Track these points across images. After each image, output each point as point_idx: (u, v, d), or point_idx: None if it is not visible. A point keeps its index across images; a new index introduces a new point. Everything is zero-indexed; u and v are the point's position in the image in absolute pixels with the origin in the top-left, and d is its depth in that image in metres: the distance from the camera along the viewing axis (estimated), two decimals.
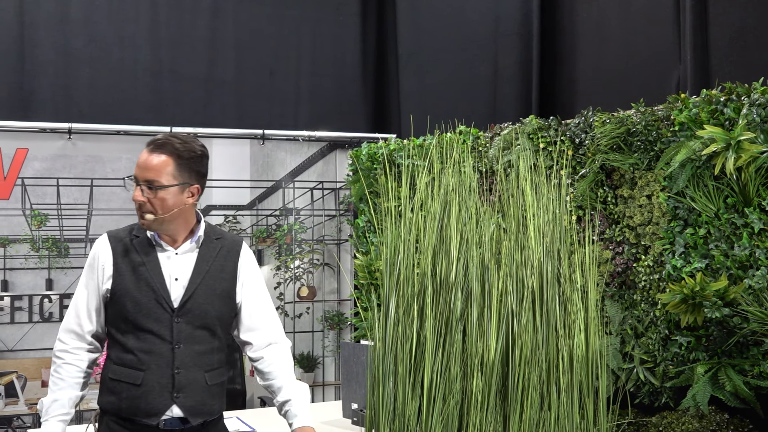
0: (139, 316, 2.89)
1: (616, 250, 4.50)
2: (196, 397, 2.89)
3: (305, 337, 7.65)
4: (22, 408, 7.98)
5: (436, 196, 3.19)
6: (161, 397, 2.86)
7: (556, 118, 4.86)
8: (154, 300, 2.88)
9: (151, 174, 2.84)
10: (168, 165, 2.85)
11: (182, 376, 2.87)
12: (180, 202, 2.88)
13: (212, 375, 2.95)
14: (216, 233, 3.05)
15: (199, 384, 2.90)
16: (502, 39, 6.65)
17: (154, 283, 2.89)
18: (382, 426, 3.04)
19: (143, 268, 2.92)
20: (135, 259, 2.94)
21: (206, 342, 2.93)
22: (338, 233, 7.54)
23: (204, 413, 2.92)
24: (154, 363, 2.87)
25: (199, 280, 2.93)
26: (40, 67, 6.54)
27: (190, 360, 2.89)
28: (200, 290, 2.92)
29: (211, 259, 2.98)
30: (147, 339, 2.88)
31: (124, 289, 2.91)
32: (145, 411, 2.87)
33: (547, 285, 3.12)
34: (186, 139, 2.91)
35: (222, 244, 3.02)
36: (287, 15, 7.34)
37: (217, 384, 2.98)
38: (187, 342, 2.89)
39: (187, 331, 2.89)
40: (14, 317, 9.37)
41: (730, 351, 3.98)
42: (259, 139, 6.86)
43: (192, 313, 2.90)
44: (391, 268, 3.14)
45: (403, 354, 3.04)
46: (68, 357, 2.98)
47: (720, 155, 3.81)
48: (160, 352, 2.87)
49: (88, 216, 9.35)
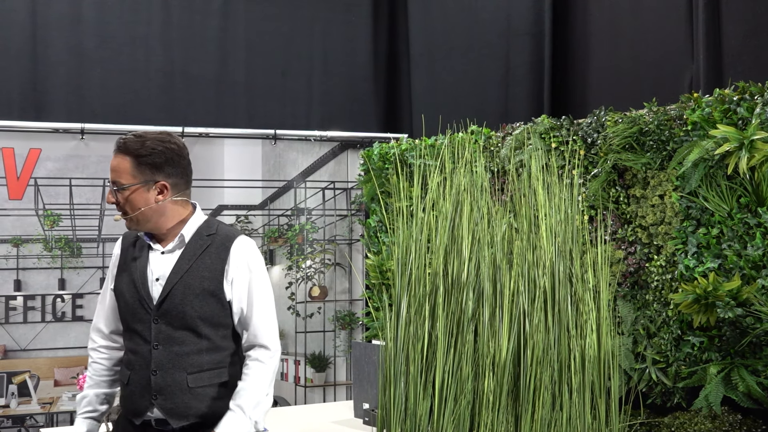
0: (127, 316, 2.93)
1: (628, 250, 4.49)
2: (175, 399, 2.85)
3: (317, 336, 7.65)
4: (35, 407, 8.01)
5: (448, 195, 3.19)
6: (142, 398, 2.87)
7: (568, 118, 4.85)
8: (138, 300, 2.89)
9: (113, 175, 2.88)
10: (126, 165, 2.86)
11: (159, 377, 2.85)
12: (147, 201, 2.88)
13: (198, 377, 2.87)
14: (210, 229, 2.98)
15: (178, 386, 2.85)
16: (514, 38, 6.63)
17: (138, 284, 2.91)
18: (393, 426, 3.03)
19: (134, 268, 2.94)
20: (132, 259, 2.97)
21: (190, 343, 2.87)
22: (350, 233, 7.54)
23: (189, 416, 2.86)
24: (137, 363, 2.89)
25: (176, 279, 2.88)
26: (52, 67, 6.57)
27: (168, 362, 2.85)
28: (177, 290, 2.87)
29: (194, 258, 2.91)
30: (133, 339, 2.91)
31: (119, 289, 2.96)
32: (132, 410, 2.91)
33: (559, 285, 3.11)
34: (148, 136, 2.90)
35: (212, 241, 2.95)
36: (298, 15, 7.34)
37: (207, 386, 2.88)
38: (166, 343, 2.86)
39: (166, 332, 2.86)
40: (27, 317, 9.40)
41: (743, 351, 3.97)
42: (270, 139, 6.87)
43: (170, 313, 2.86)
44: (403, 268, 3.14)
45: (415, 354, 3.04)
46: (95, 355, 3.06)
47: (733, 155, 3.80)
48: (142, 352, 2.88)
49: (101, 216, 9.37)
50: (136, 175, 2.86)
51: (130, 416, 2.92)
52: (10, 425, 8.44)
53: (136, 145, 2.86)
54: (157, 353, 2.85)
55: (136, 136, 2.88)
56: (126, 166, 2.86)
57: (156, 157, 2.88)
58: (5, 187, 6.49)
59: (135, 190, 2.86)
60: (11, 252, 9.85)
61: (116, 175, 2.87)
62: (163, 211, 2.92)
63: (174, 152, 2.91)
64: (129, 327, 2.93)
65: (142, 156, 2.86)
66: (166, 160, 2.89)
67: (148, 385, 2.85)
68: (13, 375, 8.20)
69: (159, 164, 2.88)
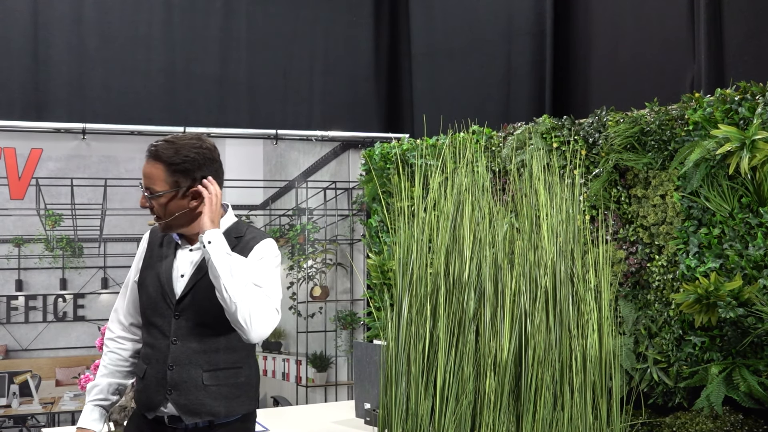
0: (148, 309, 2.94)
1: (629, 250, 4.49)
2: (189, 396, 2.84)
3: (318, 336, 7.65)
4: (37, 407, 8.01)
5: (449, 195, 3.19)
6: (157, 393, 2.87)
7: (569, 118, 4.85)
8: (160, 294, 2.90)
9: (147, 181, 2.87)
10: (159, 172, 2.84)
11: (175, 373, 2.84)
12: (181, 206, 2.87)
13: (214, 375, 2.87)
14: (239, 232, 2.98)
15: (193, 383, 2.85)
16: (516, 38, 6.63)
17: (162, 278, 2.91)
18: (394, 426, 3.03)
19: (160, 263, 2.95)
20: (159, 254, 2.98)
21: (208, 340, 2.88)
22: (351, 233, 7.55)
23: (202, 414, 2.85)
24: (154, 358, 2.89)
25: (200, 276, 2.88)
26: (54, 67, 6.57)
27: (185, 357, 2.85)
28: (200, 286, 2.87)
29: None
30: (152, 333, 2.92)
31: (143, 282, 2.97)
32: (145, 404, 2.91)
33: (561, 285, 3.11)
34: (180, 142, 2.87)
35: (238, 243, 2.95)
36: (300, 15, 7.34)
37: (223, 385, 2.88)
38: (185, 339, 2.86)
39: (186, 327, 2.87)
40: (28, 317, 9.42)
41: (744, 351, 3.97)
42: (272, 139, 6.87)
43: (191, 309, 2.87)
44: (404, 268, 3.14)
45: (416, 354, 3.04)
46: (112, 345, 3.07)
47: (734, 155, 3.80)
48: (160, 347, 2.88)
49: (102, 216, 9.38)
50: (170, 182, 2.84)
51: (143, 410, 2.93)
52: (11, 425, 8.45)
53: (170, 153, 2.84)
54: (175, 348, 2.85)
55: (168, 142, 2.86)
56: (159, 173, 2.84)
57: (189, 164, 2.85)
58: (7, 187, 6.49)
59: (170, 198, 2.86)
60: (13, 252, 9.86)
61: (150, 182, 2.85)
62: (197, 215, 2.91)
63: (206, 157, 2.89)
64: (149, 321, 2.94)
65: (175, 164, 2.84)
66: (199, 166, 2.87)
67: (164, 379, 2.85)
68: (15, 375, 8.21)
69: (192, 170, 2.86)
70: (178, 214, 2.87)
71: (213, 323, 2.87)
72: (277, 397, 7.68)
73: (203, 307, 2.87)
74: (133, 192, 9.87)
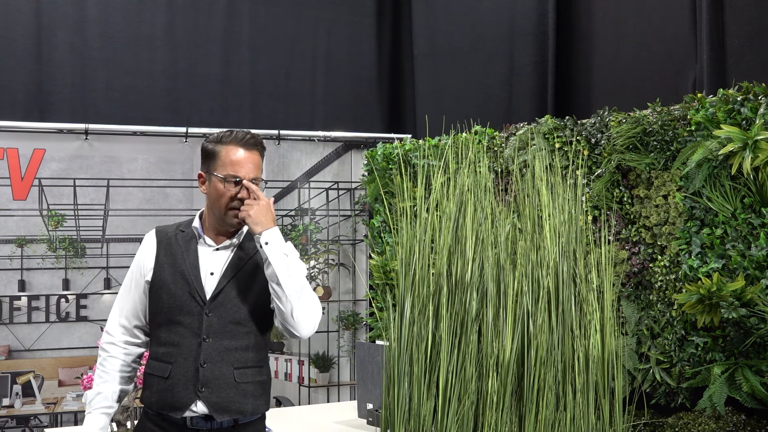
0: (173, 308, 2.89)
1: (632, 251, 4.49)
2: (222, 393, 2.83)
3: (321, 337, 7.66)
4: (39, 407, 8.03)
5: (452, 196, 3.19)
6: (186, 391, 2.83)
7: (571, 118, 4.85)
8: (188, 293, 2.87)
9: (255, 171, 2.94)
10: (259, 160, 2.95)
11: (207, 370, 2.83)
12: None
13: (243, 373, 2.88)
14: None
15: (225, 380, 2.84)
16: (518, 39, 6.63)
17: (189, 276, 2.89)
18: (397, 426, 3.04)
19: (182, 261, 2.93)
20: (176, 252, 2.95)
21: (239, 338, 2.88)
22: (353, 233, 7.55)
23: (232, 411, 2.85)
24: (181, 356, 2.85)
25: (232, 273, 2.90)
26: (56, 68, 6.58)
27: (217, 355, 2.84)
28: (233, 284, 2.89)
29: (248, 256, 2.95)
30: (178, 332, 2.87)
31: (162, 281, 2.92)
32: (171, 404, 2.84)
33: (563, 285, 3.11)
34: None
35: None
36: (303, 16, 7.35)
37: (250, 383, 2.89)
38: (217, 336, 2.85)
39: (217, 324, 2.86)
40: (31, 317, 9.40)
41: (747, 351, 3.96)
42: (274, 140, 6.88)
43: (223, 306, 2.87)
44: (407, 269, 3.14)
45: (419, 354, 3.04)
46: (113, 350, 3.00)
47: (737, 155, 3.80)
48: (188, 344, 2.85)
49: (105, 216, 9.39)
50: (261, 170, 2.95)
51: (167, 411, 2.86)
52: (14, 425, 8.46)
53: (262, 142, 2.96)
54: (207, 345, 2.84)
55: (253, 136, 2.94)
56: (260, 161, 2.93)
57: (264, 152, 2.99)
58: (9, 188, 6.50)
59: None
60: (15, 252, 9.88)
61: (255, 171, 2.91)
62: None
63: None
64: (172, 320, 2.89)
65: (264, 151, 2.97)
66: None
67: (195, 377, 2.82)
68: (18, 375, 8.22)
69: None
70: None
71: (244, 321, 2.89)
72: (280, 398, 7.69)
73: (236, 305, 2.89)
74: (135, 192, 9.87)
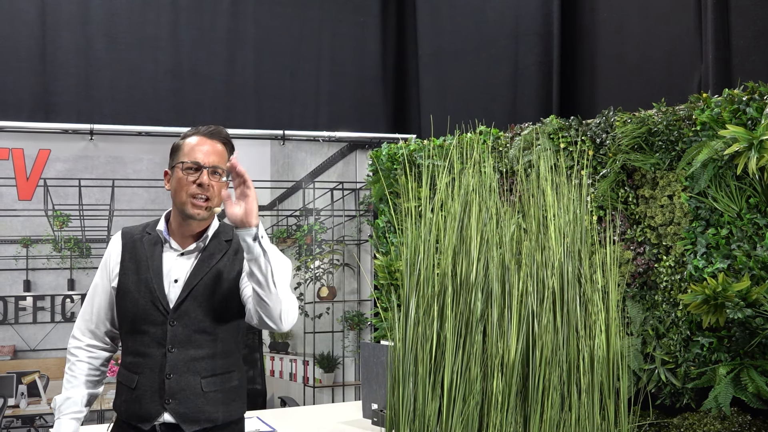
0: (137, 317, 2.80)
1: (637, 251, 4.48)
2: (189, 404, 2.75)
3: (325, 337, 7.66)
4: (45, 407, 8.03)
5: (457, 196, 3.19)
6: (153, 403, 2.76)
7: (576, 118, 4.84)
8: (151, 302, 2.78)
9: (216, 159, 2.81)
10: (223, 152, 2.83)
11: (174, 381, 2.75)
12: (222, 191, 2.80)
13: (211, 381, 2.80)
14: (227, 234, 2.91)
15: (192, 390, 2.76)
16: (523, 39, 6.63)
17: (152, 284, 2.79)
18: (402, 426, 3.03)
19: (145, 268, 2.82)
20: (140, 258, 2.84)
21: (205, 346, 2.79)
22: (358, 234, 7.55)
23: (201, 421, 2.78)
24: (147, 367, 2.78)
25: (196, 281, 2.79)
26: (61, 68, 6.59)
27: (183, 365, 2.76)
28: (197, 292, 2.78)
29: (215, 260, 2.83)
30: (143, 341, 2.79)
31: (126, 288, 2.83)
32: (138, 415, 2.78)
33: (568, 285, 3.11)
34: None
35: (230, 246, 2.88)
36: (307, 16, 7.35)
37: (219, 391, 2.82)
38: (182, 346, 2.76)
39: (182, 335, 2.76)
40: (36, 317, 9.44)
41: (752, 352, 3.96)
42: (279, 140, 6.88)
43: (188, 316, 2.77)
44: (412, 269, 3.14)
45: (423, 354, 3.03)
46: (81, 354, 2.95)
47: (742, 155, 3.79)
48: (153, 355, 2.77)
49: (110, 217, 9.40)
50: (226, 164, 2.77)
51: (134, 422, 2.79)
52: (19, 425, 8.47)
53: (228, 136, 2.84)
54: (172, 356, 2.75)
55: (217, 127, 2.83)
56: (224, 154, 2.81)
57: (231, 146, 2.86)
58: (15, 188, 6.51)
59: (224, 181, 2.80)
60: (21, 252, 9.89)
61: (220, 160, 2.78)
62: None
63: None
64: (137, 329, 2.80)
65: (230, 146, 2.85)
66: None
67: (161, 388, 2.75)
68: (23, 375, 8.23)
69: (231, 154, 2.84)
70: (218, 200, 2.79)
71: (210, 329, 2.80)
72: (285, 398, 7.69)
73: (200, 313, 2.78)
74: (140, 192, 9.90)
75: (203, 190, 2.74)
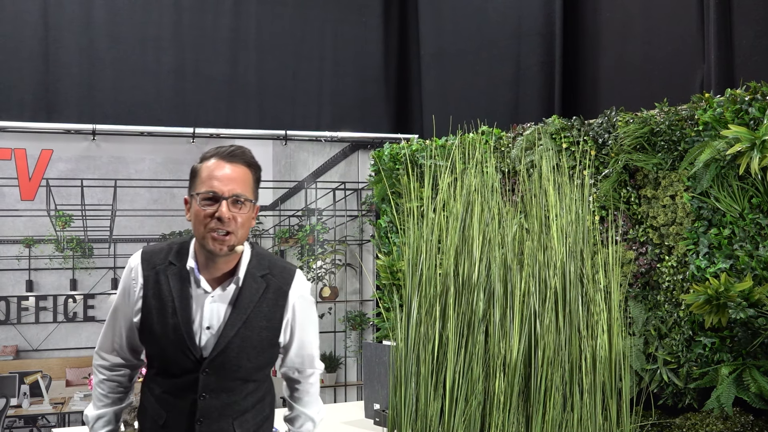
0: (165, 360, 2.60)
1: (639, 251, 4.48)
2: None
3: (327, 337, 7.66)
4: (47, 407, 8.03)
5: (459, 196, 3.19)
6: None
7: (578, 118, 4.84)
8: (180, 350, 2.53)
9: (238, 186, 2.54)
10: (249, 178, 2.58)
11: (204, 425, 2.56)
12: (251, 223, 2.57)
13: (243, 420, 2.63)
14: (262, 267, 2.64)
15: None
16: (525, 39, 6.63)
17: (181, 331, 2.53)
18: (404, 426, 3.03)
19: (172, 310, 2.55)
20: (165, 297, 2.57)
21: (237, 392, 2.62)
22: (360, 234, 7.55)
23: None
24: (176, 408, 2.59)
25: (233, 332, 2.55)
26: (64, 68, 6.60)
27: (215, 411, 2.57)
28: (234, 343, 2.55)
29: (251, 305, 2.59)
30: (173, 383, 2.60)
31: (150, 329, 2.59)
32: None
33: (570, 286, 3.11)
34: None
35: (268, 283, 2.62)
36: (309, 16, 7.36)
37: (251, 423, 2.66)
38: (214, 393, 2.57)
39: (216, 384, 2.56)
40: (39, 317, 9.43)
41: (754, 352, 3.95)
42: (281, 140, 6.88)
43: (224, 368, 2.55)
44: (414, 269, 3.14)
45: (426, 354, 3.03)
46: (108, 373, 2.76)
47: (744, 155, 3.79)
48: (184, 398, 2.57)
49: (112, 216, 9.40)
50: (254, 191, 2.54)
51: None
52: (22, 425, 8.47)
53: (253, 158, 2.55)
54: (204, 403, 2.55)
55: (240, 147, 2.54)
56: (249, 179, 2.53)
57: (259, 174, 2.61)
58: (17, 188, 6.52)
59: (252, 209, 2.53)
60: (23, 252, 9.89)
61: (242, 187, 2.49)
62: None
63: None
64: (166, 370, 2.60)
65: (257, 171, 2.58)
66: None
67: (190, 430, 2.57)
68: (25, 375, 8.23)
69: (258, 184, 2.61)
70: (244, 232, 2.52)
71: (245, 376, 2.62)
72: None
73: (237, 364, 2.57)
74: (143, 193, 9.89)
75: (223, 224, 2.46)
